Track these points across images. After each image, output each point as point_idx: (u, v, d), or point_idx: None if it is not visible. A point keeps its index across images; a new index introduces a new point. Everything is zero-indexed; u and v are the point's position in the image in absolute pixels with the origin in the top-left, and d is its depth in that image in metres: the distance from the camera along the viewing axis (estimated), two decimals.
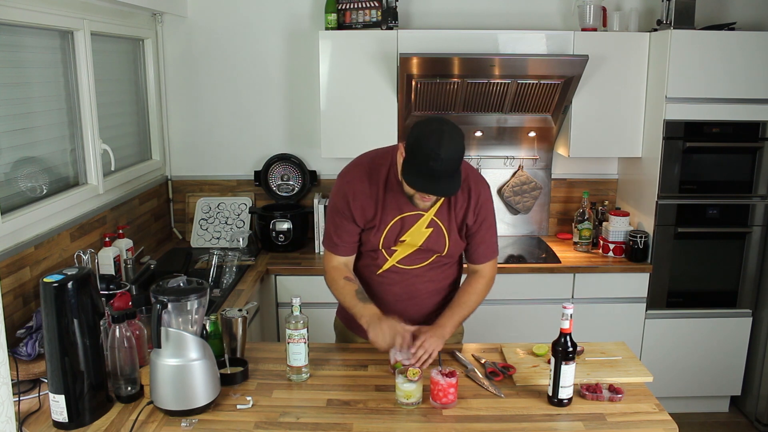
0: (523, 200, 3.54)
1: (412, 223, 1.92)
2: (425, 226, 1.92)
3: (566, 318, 1.67)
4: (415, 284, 2.00)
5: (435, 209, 1.91)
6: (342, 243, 1.96)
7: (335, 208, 1.95)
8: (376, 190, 1.90)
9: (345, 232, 1.94)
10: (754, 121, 3.04)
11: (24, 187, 2.27)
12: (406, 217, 1.91)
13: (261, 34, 3.41)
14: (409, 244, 1.94)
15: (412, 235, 1.92)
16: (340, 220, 1.94)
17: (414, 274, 1.98)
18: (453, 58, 2.95)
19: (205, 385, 1.65)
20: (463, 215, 1.94)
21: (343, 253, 1.98)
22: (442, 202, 1.91)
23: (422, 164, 1.66)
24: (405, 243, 1.93)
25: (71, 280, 1.58)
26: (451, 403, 1.70)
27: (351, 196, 1.91)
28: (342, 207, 1.92)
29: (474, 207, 1.94)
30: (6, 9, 2.05)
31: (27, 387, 1.83)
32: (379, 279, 2.00)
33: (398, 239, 1.93)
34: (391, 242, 1.94)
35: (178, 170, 3.57)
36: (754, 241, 3.17)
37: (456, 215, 1.93)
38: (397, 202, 1.89)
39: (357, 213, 1.91)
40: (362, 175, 1.93)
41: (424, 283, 2.00)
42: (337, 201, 1.94)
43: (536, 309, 3.12)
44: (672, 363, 3.25)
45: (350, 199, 1.91)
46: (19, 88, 2.26)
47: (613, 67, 3.14)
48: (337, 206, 1.94)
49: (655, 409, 1.71)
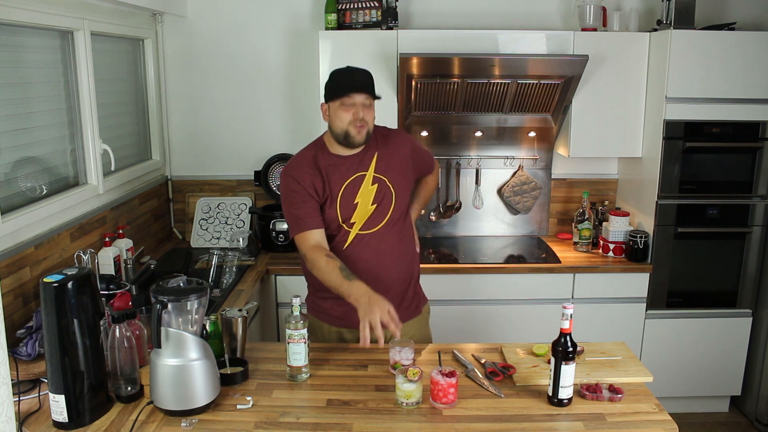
0: (523, 200, 3.54)
1: (359, 184, 2.09)
2: (370, 183, 2.10)
3: (566, 318, 1.67)
4: (380, 246, 2.12)
5: (373, 167, 2.11)
6: (309, 217, 2.05)
7: (290, 195, 2.07)
8: (316, 169, 2.08)
9: (307, 208, 2.05)
10: (754, 121, 3.03)
11: (24, 187, 2.27)
12: (352, 181, 2.09)
13: (261, 34, 3.41)
14: (362, 207, 2.09)
15: (362, 195, 2.09)
16: (298, 201, 2.05)
17: (377, 237, 2.12)
18: (453, 58, 2.95)
19: (205, 385, 1.65)
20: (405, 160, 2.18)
21: (314, 226, 2.06)
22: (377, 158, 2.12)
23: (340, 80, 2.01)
24: (358, 206, 2.08)
25: (71, 280, 1.58)
26: (451, 403, 1.70)
27: (300, 178, 2.06)
28: (296, 189, 2.06)
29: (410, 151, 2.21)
30: (6, 9, 2.05)
31: (27, 387, 1.83)
32: (347, 252, 2.10)
33: (352, 204, 2.08)
34: (348, 213, 2.08)
35: (178, 170, 3.57)
36: (754, 241, 3.16)
37: (396, 165, 2.14)
38: (338, 171, 2.08)
39: (310, 189, 2.05)
40: (300, 163, 2.11)
41: (388, 243, 2.14)
42: (289, 188, 2.07)
43: (536, 309, 3.12)
44: (672, 363, 3.25)
45: (300, 181, 2.06)
46: (19, 88, 2.26)
47: (613, 67, 3.14)
48: (291, 192, 2.07)
49: (655, 409, 1.71)
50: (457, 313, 3.09)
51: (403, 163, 2.17)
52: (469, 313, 3.09)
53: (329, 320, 2.19)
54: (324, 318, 2.20)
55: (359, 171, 2.10)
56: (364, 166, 2.11)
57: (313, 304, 2.23)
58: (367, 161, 2.11)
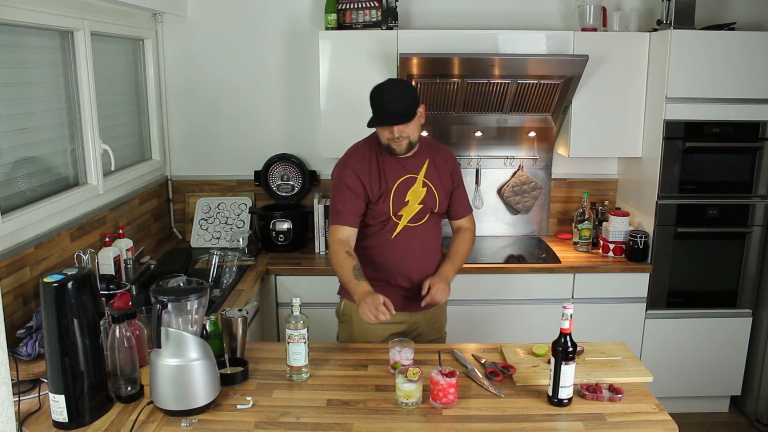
0: (523, 200, 3.54)
1: (410, 184, 2.24)
2: (420, 186, 2.25)
3: (566, 318, 1.67)
4: (423, 237, 2.28)
5: (424, 172, 2.26)
6: (348, 214, 2.20)
7: (341, 187, 2.22)
8: (375, 165, 2.22)
9: (351, 205, 2.20)
10: (754, 121, 3.03)
11: (24, 187, 2.27)
12: (405, 180, 2.23)
13: (261, 34, 3.41)
14: (412, 204, 2.23)
15: (413, 193, 2.24)
16: (346, 196, 2.20)
17: (420, 230, 2.27)
18: (453, 58, 2.95)
19: (205, 385, 1.65)
20: (447, 175, 2.31)
21: (350, 223, 2.21)
22: (428, 166, 2.26)
23: (375, 108, 2.12)
24: (408, 203, 2.23)
25: (71, 280, 1.58)
26: (451, 403, 1.70)
27: (359, 173, 2.21)
28: (350, 183, 2.21)
29: (452, 170, 2.34)
30: (6, 9, 2.05)
31: (27, 387, 1.83)
32: (395, 240, 2.25)
33: (403, 201, 2.22)
34: (398, 207, 2.22)
35: (178, 170, 3.57)
36: (754, 241, 3.16)
37: (441, 176, 2.29)
38: (394, 169, 2.22)
39: (366, 185, 2.20)
40: (357, 154, 2.26)
41: (428, 235, 2.30)
42: (344, 180, 2.22)
43: (536, 309, 3.12)
44: (672, 363, 3.25)
45: (359, 176, 2.21)
46: (19, 88, 2.26)
47: (613, 67, 3.14)
48: (344, 184, 2.21)
49: (655, 409, 1.71)
50: (457, 312, 3.08)
51: (446, 177, 2.31)
52: (469, 313, 3.09)
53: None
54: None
55: (411, 173, 2.24)
56: (417, 168, 2.26)
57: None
58: (419, 165, 2.27)
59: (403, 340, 1.95)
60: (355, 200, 2.20)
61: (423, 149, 2.29)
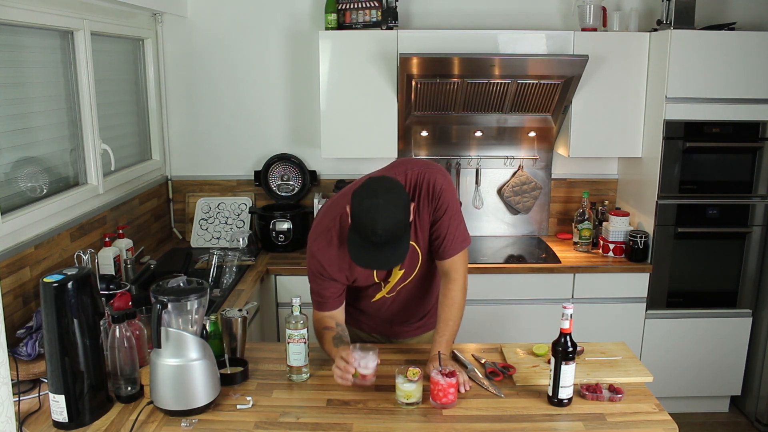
0: (523, 200, 3.54)
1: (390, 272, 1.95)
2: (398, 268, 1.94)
3: (566, 318, 1.67)
4: (407, 298, 2.07)
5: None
6: (327, 299, 1.94)
7: (314, 273, 1.91)
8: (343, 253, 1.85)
9: (329, 289, 1.92)
10: (754, 121, 3.03)
11: (24, 187, 2.27)
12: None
13: (261, 34, 3.41)
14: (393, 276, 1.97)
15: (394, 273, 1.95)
16: (321, 281, 1.91)
17: (404, 291, 2.05)
18: (453, 58, 2.95)
19: (205, 385, 1.65)
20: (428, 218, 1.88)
21: (333, 307, 1.95)
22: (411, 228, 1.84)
23: (363, 239, 1.66)
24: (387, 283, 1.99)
25: (71, 280, 1.58)
26: (451, 403, 1.70)
27: (326, 263, 1.87)
28: (320, 271, 1.89)
29: (437, 208, 1.86)
30: (6, 9, 2.05)
31: (27, 387, 1.83)
32: (375, 304, 2.08)
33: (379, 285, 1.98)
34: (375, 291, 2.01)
35: (178, 170, 3.57)
36: (754, 241, 3.16)
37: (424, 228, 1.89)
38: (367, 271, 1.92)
39: (336, 275, 1.89)
40: (325, 248, 1.88)
41: (415, 293, 2.07)
42: (313, 267, 1.90)
43: (536, 309, 3.12)
44: (672, 363, 3.25)
45: (326, 266, 1.87)
46: (19, 88, 2.26)
47: (613, 67, 3.14)
48: (314, 271, 1.91)
49: (655, 409, 1.71)
50: None
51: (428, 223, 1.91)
52: (469, 313, 3.04)
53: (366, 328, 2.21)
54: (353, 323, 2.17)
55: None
56: None
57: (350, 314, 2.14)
58: None
59: (366, 346, 1.79)
60: (330, 285, 1.91)
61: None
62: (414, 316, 2.16)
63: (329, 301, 1.94)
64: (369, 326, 2.19)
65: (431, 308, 2.18)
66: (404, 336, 2.20)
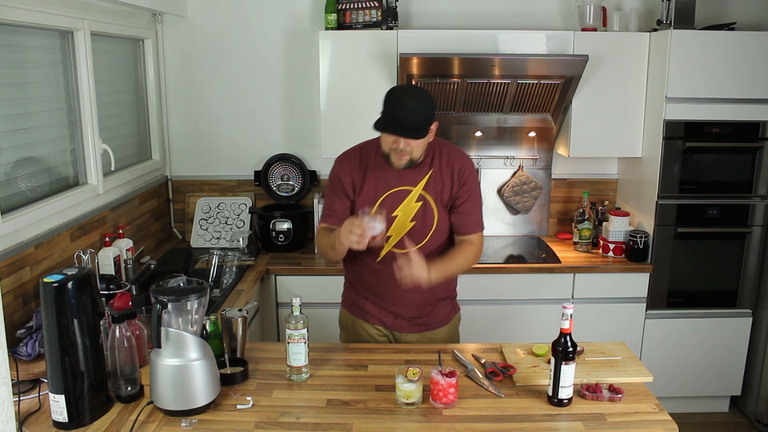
0: (523, 200, 3.54)
1: (403, 197, 2.04)
2: (414, 200, 2.04)
3: (566, 318, 1.67)
4: None
5: (423, 184, 2.04)
6: (334, 213, 2.09)
7: (329, 185, 2.13)
8: (364, 164, 2.07)
9: (338, 203, 2.09)
10: (754, 121, 3.03)
11: (24, 187, 2.27)
12: (395, 192, 2.05)
13: (261, 34, 3.41)
14: (401, 222, 2.04)
15: (403, 209, 2.04)
16: (333, 195, 2.11)
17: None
18: (453, 58, 2.95)
19: (205, 385, 1.65)
20: (450, 188, 2.05)
21: (334, 223, 2.08)
22: (430, 177, 2.04)
23: (388, 111, 1.90)
24: (397, 221, 2.04)
25: (71, 280, 1.58)
26: (451, 403, 1.70)
27: (340, 170, 2.10)
28: (334, 180, 2.11)
29: (458, 178, 2.05)
30: (6, 9, 2.05)
31: (27, 387, 1.83)
32: (378, 266, 2.10)
33: (391, 217, 2.03)
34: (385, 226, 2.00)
35: (178, 170, 3.57)
36: (754, 241, 3.16)
37: (445, 189, 2.05)
38: (386, 178, 2.04)
39: (346, 182, 2.07)
40: (353, 154, 2.12)
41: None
42: (331, 175, 2.13)
43: (536, 309, 3.12)
44: (672, 363, 3.25)
45: (340, 173, 2.10)
46: (19, 88, 2.26)
47: (613, 67, 3.14)
48: (331, 179, 2.12)
49: (655, 409, 1.71)
50: None
51: (455, 189, 2.05)
52: (469, 313, 3.06)
53: (367, 317, 2.21)
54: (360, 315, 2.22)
55: (406, 184, 2.03)
56: (414, 180, 2.03)
57: (351, 301, 2.25)
58: (419, 177, 2.03)
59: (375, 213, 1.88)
60: (341, 198, 2.07)
61: (430, 157, 2.04)
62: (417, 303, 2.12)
63: (335, 215, 2.08)
64: (374, 318, 2.19)
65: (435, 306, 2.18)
66: (407, 330, 2.18)
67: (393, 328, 2.20)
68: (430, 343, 2.16)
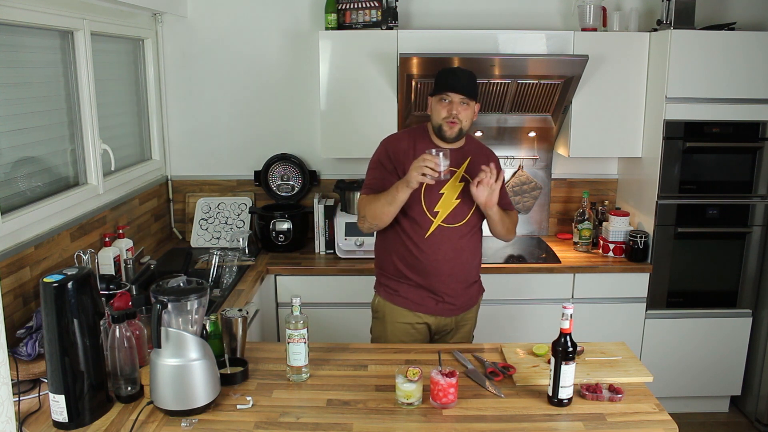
0: (523, 200, 3.54)
1: (446, 180, 2.20)
2: (458, 180, 2.25)
3: (566, 318, 1.67)
4: (459, 242, 2.24)
5: (464, 167, 2.26)
6: (376, 186, 2.22)
7: (377, 160, 2.28)
8: (413, 145, 2.24)
9: (387, 180, 2.20)
10: (754, 121, 3.03)
11: (24, 187, 2.27)
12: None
13: (261, 34, 3.41)
14: (447, 198, 2.22)
15: (448, 187, 2.23)
16: (381, 171, 2.25)
17: (457, 233, 2.24)
18: (453, 58, 2.95)
19: (205, 385, 1.65)
20: None
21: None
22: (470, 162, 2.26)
23: (445, 78, 2.16)
24: (444, 197, 2.22)
25: (71, 280, 1.58)
26: (451, 403, 1.70)
27: (390, 148, 2.26)
28: (382, 158, 2.26)
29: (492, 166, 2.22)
30: (6, 9, 2.05)
31: (27, 387, 1.83)
32: (428, 241, 2.22)
33: (438, 193, 2.21)
34: (432, 201, 2.21)
35: (178, 170, 3.57)
36: (754, 241, 3.16)
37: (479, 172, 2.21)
38: None
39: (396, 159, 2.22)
40: (401, 136, 2.33)
41: (466, 240, 2.26)
42: (379, 153, 2.29)
43: (536, 309, 3.12)
44: (672, 363, 3.25)
45: (390, 151, 2.26)
46: (19, 88, 2.26)
47: (613, 67, 3.14)
48: (379, 158, 2.28)
49: (655, 409, 1.71)
50: None
51: None
52: None
53: (407, 305, 2.29)
54: (400, 302, 2.29)
55: (451, 165, 2.16)
56: (458, 162, 2.24)
57: (392, 290, 2.32)
58: (461, 160, 2.26)
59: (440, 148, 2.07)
60: (387, 176, 2.22)
61: (469, 147, 2.31)
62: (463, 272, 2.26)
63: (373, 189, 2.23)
64: (416, 304, 2.27)
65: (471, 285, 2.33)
66: (447, 314, 2.29)
67: (435, 313, 2.28)
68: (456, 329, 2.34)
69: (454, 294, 2.27)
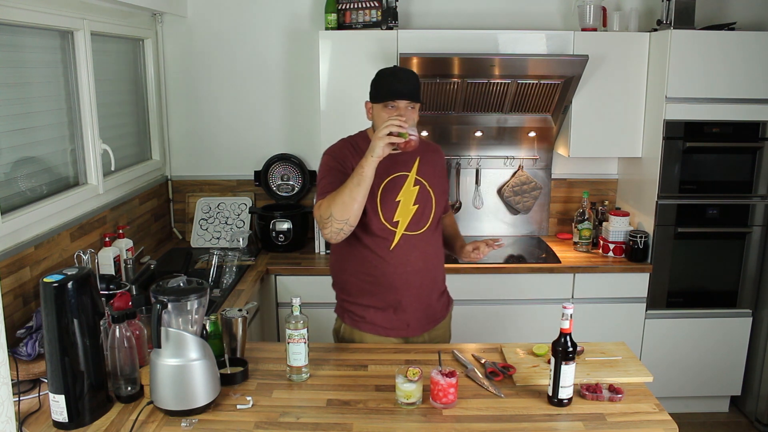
0: (523, 200, 3.54)
1: (401, 183, 2.10)
2: (412, 184, 2.12)
3: (566, 318, 1.67)
4: (426, 249, 2.14)
5: (415, 169, 2.13)
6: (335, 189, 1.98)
7: (330, 167, 2.08)
8: (358, 153, 2.05)
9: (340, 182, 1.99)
10: (754, 121, 3.04)
11: (24, 187, 2.27)
12: (394, 178, 2.10)
13: (261, 34, 3.41)
14: (405, 206, 2.09)
15: (404, 194, 2.10)
16: (335, 174, 2.05)
17: (422, 240, 2.12)
18: (453, 58, 2.95)
19: (205, 385, 1.65)
20: (441, 173, 2.24)
21: None
22: (420, 162, 2.14)
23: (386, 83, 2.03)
24: (401, 205, 2.09)
25: (71, 280, 1.58)
26: (451, 403, 1.70)
27: (341, 158, 2.09)
28: (332, 164, 2.08)
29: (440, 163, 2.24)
30: (6, 9, 2.05)
31: (27, 387, 1.83)
32: (394, 253, 2.09)
33: (394, 201, 2.08)
34: (390, 211, 2.07)
35: (178, 170, 3.57)
36: (754, 241, 3.16)
37: (435, 173, 2.18)
38: (382, 164, 1.96)
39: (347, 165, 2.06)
40: (343, 145, 2.15)
41: (430, 247, 2.16)
42: (329, 162, 2.10)
43: (536, 309, 3.12)
44: (672, 363, 3.25)
45: (341, 160, 2.08)
46: (19, 88, 2.26)
47: (613, 67, 3.14)
48: (330, 166, 2.09)
49: (655, 409, 1.71)
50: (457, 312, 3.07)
51: (440, 173, 2.23)
52: (469, 313, 3.09)
53: (375, 330, 2.15)
54: (368, 329, 2.15)
55: (401, 171, 2.10)
56: (407, 166, 2.12)
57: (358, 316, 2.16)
58: (410, 162, 2.13)
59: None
60: (343, 178, 1.98)
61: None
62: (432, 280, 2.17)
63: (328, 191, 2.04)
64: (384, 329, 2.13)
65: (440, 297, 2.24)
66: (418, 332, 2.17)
67: (406, 335, 2.15)
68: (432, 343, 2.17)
69: (424, 308, 2.16)
